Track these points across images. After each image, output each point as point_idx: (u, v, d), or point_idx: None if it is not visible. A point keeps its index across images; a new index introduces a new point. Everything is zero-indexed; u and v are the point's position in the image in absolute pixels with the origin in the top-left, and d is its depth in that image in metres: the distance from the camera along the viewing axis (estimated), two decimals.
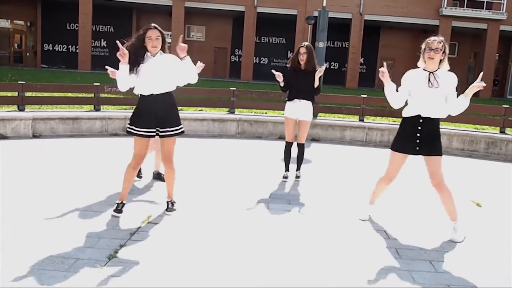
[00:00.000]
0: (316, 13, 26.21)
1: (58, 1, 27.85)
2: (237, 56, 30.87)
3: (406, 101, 4.35)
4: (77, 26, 27.89)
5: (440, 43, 4.12)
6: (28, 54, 30.18)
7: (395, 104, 4.40)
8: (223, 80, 26.94)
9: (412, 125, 4.27)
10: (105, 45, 29.75)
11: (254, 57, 29.43)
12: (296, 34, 28.02)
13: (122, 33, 33.59)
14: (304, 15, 27.55)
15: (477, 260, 3.86)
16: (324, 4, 11.78)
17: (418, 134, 4.23)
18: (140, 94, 4.44)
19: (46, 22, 29.17)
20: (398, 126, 4.50)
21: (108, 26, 29.79)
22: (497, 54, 29.79)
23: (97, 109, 9.68)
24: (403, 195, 5.75)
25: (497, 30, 28.14)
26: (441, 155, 4.27)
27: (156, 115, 4.35)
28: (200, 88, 10.56)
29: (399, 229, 4.53)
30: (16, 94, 9.23)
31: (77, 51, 28.06)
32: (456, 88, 4.23)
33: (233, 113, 10.43)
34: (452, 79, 4.20)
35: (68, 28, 29.33)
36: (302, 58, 5.98)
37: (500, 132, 9.87)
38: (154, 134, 4.40)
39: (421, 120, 4.22)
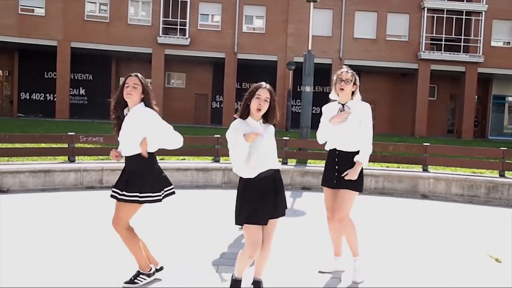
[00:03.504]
0: (296, 59, 26.46)
1: (36, 50, 27.42)
2: (218, 102, 30.61)
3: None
4: (55, 75, 27.40)
5: (350, 74, 4.09)
6: (4, 103, 29.43)
7: (319, 139, 4.30)
8: (205, 126, 26.50)
9: (331, 158, 4.21)
10: (84, 93, 29.09)
11: (236, 103, 29.19)
12: (277, 79, 28.01)
13: (101, 81, 33.03)
14: (284, 61, 27.63)
15: None
16: (310, 48, 11.51)
17: (337, 167, 4.14)
18: None
19: (23, 71, 28.60)
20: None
21: (87, 74, 29.24)
22: (476, 96, 30.09)
23: (71, 161, 8.99)
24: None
25: (475, 72, 28.56)
26: (353, 190, 4.08)
27: (125, 176, 3.78)
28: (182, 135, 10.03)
29: None
30: None
31: (55, 99, 27.45)
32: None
33: (218, 161, 9.86)
34: (363, 109, 4.09)
35: (45, 76, 28.80)
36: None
37: (499, 175, 9.38)
38: (116, 195, 3.75)
39: (337, 153, 4.16)
